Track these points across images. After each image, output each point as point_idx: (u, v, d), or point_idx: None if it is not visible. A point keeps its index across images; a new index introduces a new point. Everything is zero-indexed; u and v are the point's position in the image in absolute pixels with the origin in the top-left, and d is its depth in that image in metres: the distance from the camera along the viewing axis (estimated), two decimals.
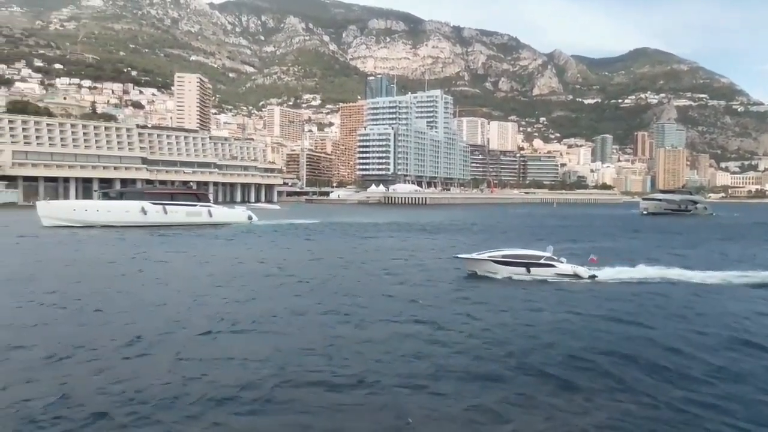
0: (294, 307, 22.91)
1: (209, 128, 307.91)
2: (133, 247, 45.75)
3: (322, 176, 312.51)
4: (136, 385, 14.04)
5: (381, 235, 63.35)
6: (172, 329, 19.34)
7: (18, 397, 13.32)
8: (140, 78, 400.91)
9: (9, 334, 18.63)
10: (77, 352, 16.67)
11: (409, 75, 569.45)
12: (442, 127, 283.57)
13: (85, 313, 21.70)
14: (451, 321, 20.74)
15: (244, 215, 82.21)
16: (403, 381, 14.51)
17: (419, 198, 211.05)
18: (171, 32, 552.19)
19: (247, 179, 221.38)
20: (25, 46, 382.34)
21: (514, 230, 75.14)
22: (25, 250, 43.82)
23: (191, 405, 13.04)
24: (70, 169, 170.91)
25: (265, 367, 15.48)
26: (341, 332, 19.05)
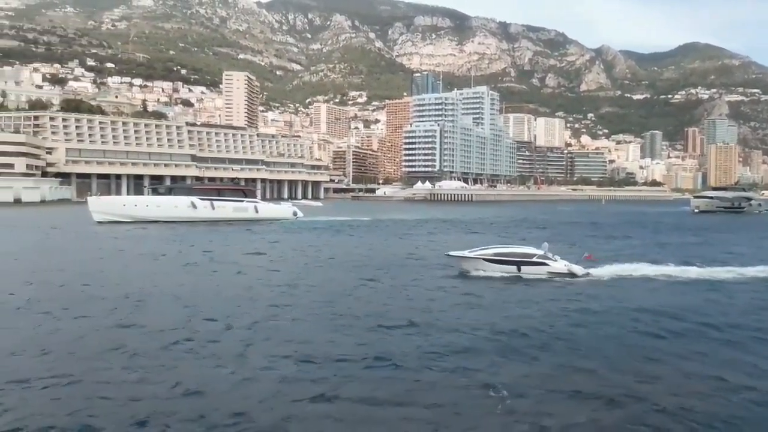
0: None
1: (257, 126, 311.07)
2: (209, 244, 45.39)
3: (368, 173, 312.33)
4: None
5: (436, 232, 61.73)
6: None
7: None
8: (189, 76, 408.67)
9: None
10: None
11: (455, 71, 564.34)
12: (488, 123, 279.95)
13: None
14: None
15: (289, 211, 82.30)
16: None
17: (465, 195, 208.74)
18: (219, 31, 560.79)
19: (294, 176, 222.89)
20: (79, 45, 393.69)
21: (564, 226, 72.96)
22: (115, 248, 43.71)
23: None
24: (121, 166, 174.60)
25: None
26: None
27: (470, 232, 63.78)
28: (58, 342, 16.78)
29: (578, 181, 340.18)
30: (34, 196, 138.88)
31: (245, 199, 78.42)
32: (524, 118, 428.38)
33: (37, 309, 21.00)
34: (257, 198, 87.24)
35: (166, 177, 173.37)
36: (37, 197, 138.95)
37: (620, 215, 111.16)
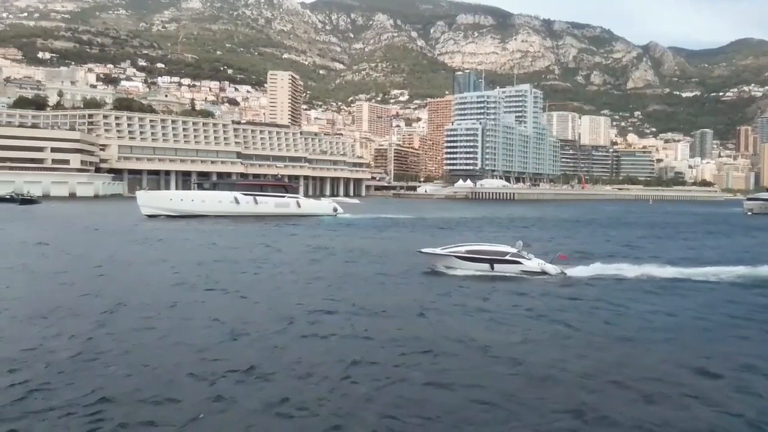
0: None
1: (300, 124, 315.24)
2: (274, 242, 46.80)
3: (410, 171, 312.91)
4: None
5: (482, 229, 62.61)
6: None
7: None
8: (236, 76, 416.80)
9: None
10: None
11: (498, 70, 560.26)
12: (531, 121, 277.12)
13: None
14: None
15: (330, 207, 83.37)
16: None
17: (507, 193, 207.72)
18: (265, 31, 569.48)
19: (336, 173, 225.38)
20: (130, 47, 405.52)
21: (621, 227, 72.08)
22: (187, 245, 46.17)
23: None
24: (170, 162, 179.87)
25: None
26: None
27: (522, 227, 63.13)
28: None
29: (624, 181, 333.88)
30: (88, 191, 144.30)
31: (287, 195, 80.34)
32: (568, 117, 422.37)
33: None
34: (298, 193, 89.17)
35: (213, 173, 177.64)
36: (90, 192, 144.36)
37: (672, 216, 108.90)
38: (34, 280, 26.18)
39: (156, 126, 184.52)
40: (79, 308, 20.03)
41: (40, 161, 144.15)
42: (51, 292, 23.31)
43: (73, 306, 20.37)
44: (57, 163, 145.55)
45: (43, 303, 20.73)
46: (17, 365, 13.96)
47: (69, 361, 14.36)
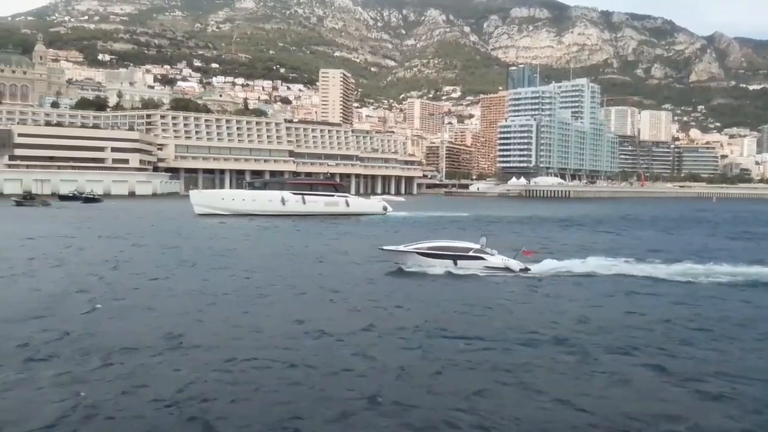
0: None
1: (351, 122, 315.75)
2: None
3: (462, 169, 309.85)
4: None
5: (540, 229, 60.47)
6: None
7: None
8: (288, 75, 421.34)
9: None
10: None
11: (553, 64, 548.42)
12: (588, 117, 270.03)
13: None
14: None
15: (379, 206, 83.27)
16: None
17: (562, 191, 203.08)
18: (317, 30, 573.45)
19: (387, 171, 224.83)
20: (186, 47, 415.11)
21: (695, 228, 68.89)
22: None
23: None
24: (225, 161, 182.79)
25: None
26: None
27: (595, 231, 61.20)
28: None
29: (686, 178, 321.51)
30: (147, 189, 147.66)
31: (336, 194, 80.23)
32: (627, 111, 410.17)
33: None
34: (347, 192, 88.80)
35: (266, 172, 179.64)
36: (149, 191, 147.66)
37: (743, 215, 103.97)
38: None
39: (211, 125, 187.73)
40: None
41: (101, 161, 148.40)
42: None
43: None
44: (117, 162, 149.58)
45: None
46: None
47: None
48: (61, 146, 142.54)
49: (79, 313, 19.88)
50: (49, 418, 11.33)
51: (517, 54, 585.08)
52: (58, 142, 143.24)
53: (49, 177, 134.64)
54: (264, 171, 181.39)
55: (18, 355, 15.10)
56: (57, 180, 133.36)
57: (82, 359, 14.79)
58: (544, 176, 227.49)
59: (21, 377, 13.50)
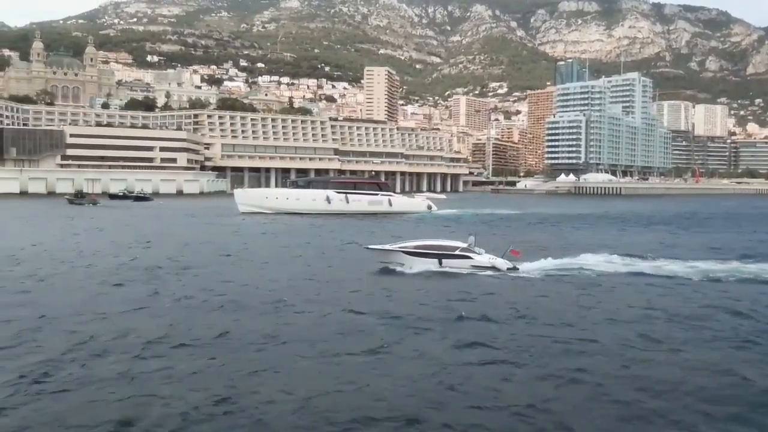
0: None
1: (396, 119, 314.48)
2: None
3: (509, 166, 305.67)
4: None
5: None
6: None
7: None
8: (333, 73, 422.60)
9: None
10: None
11: (603, 58, 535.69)
12: (640, 112, 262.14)
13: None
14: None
15: (423, 205, 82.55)
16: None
17: (613, 188, 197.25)
18: (361, 28, 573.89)
19: (433, 169, 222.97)
20: (232, 48, 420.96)
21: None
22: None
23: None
24: (270, 160, 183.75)
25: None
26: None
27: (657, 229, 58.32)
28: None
29: (743, 174, 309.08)
30: (194, 188, 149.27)
31: (380, 193, 79.38)
32: (681, 106, 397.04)
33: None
34: (391, 191, 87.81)
35: (311, 170, 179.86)
36: (196, 189, 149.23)
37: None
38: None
39: (257, 124, 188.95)
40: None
41: (149, 160, 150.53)
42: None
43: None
44: (165, 161, 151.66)
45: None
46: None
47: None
48: (112, 146, 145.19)
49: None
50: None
51: (565, 48, 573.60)
52: (108, 142, 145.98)
53: (100, 176, 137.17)
54: (309, 169, 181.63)
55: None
56: (107, 179, 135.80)
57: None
58: (594, 173, 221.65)
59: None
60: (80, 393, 12.51)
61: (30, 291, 23.20)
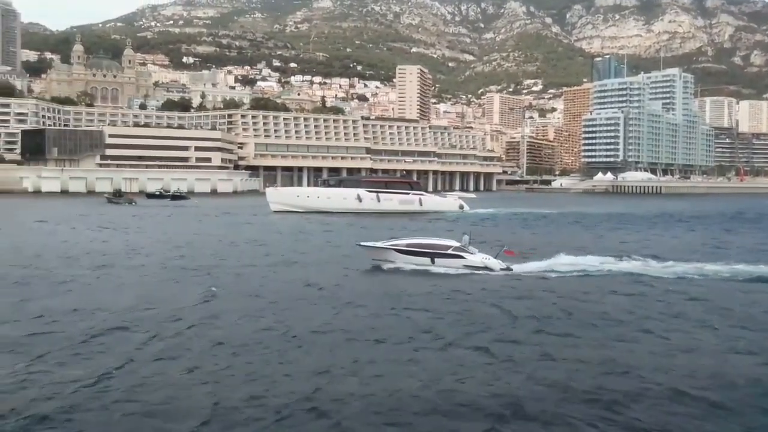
0: None
1: (429, 118, 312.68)
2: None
3: (544, 164, 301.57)
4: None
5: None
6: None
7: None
8: (365, 72, 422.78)
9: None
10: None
11: (642, 54, 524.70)
12: (681, 108, 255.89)
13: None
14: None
15: (455, 204, 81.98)
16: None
17: (653, 187, 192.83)
18: (393, 26, 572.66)
19: (466, 168, 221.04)
20: (266, 48, 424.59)
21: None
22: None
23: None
24: (303, 159, 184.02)
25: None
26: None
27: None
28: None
29: None
30: (228, 187, 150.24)
31: (411, 192, 79.02)
32: (724, 102, 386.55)
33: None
34: (422, 190, 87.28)
35: (343, 169, 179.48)
36: (230, 188, 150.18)
37: None
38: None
39: (289, 124, 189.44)
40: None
41: (185, 159, 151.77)
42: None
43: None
44: (200, 161, 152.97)
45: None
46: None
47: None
48: (149, 146, 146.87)
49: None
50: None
51: (602, 44, 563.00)
52: (145, 142, 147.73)
53: (137, 175, 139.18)
54: (341, 168, 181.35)
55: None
56: (144, 178, 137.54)
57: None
58: (633, 171, 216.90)
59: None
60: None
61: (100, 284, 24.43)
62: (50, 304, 20.18)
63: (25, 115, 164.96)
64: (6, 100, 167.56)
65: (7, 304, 19.94)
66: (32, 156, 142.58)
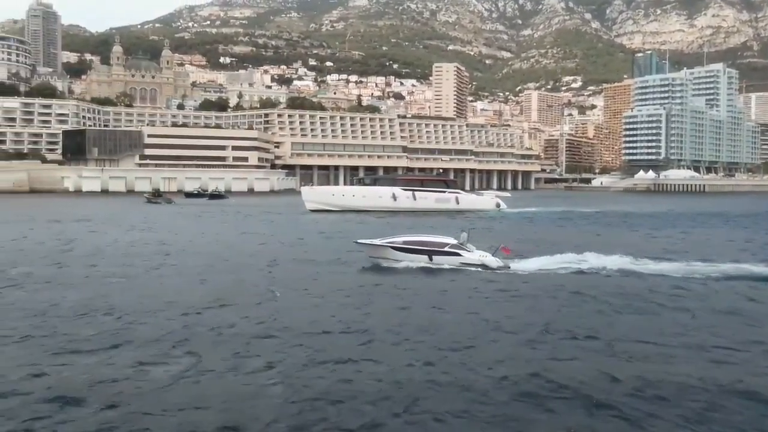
0: None
1: (466, 116, 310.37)
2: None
3: (583, 162, 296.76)
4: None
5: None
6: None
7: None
8: (401, 70, 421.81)
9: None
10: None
11: (684, 49, 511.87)
12: (725, 105, 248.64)
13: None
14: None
15: (492, 203, 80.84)
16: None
17: (696, 185, 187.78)
18: (430, 24, 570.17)
19: (503, 166, 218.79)
20: (302, 47, 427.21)
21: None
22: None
23: None
24: (339, 158, 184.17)
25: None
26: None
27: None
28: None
29: None
30: (264, 186, 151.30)
31: (447, 190, 78.17)
32: None
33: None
34: (459, 189, 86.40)
35: (379, 168, 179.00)
36: (266, 187, 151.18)
37: None
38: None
39: (325, 123, 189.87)
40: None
41: (222, 159, 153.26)
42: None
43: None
44: (237, 160, 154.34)
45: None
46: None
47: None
48: (187, 146, 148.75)
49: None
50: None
51: (643, 40, 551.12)
52: (183, 142, 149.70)
53: (176, 175, 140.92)
54: (377, 167, 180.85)
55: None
56: (183, 178, 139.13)
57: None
58: (675, 169, 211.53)
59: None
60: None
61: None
62: (119, 301, 20.27)
63: (66, 116, 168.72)
64: (47, 101, 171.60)
65: (77, 302, 19.93)
66: (73, 156, 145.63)
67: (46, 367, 13.21)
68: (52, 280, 24.45)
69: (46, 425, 10.37)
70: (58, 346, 14.87)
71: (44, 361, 13.65)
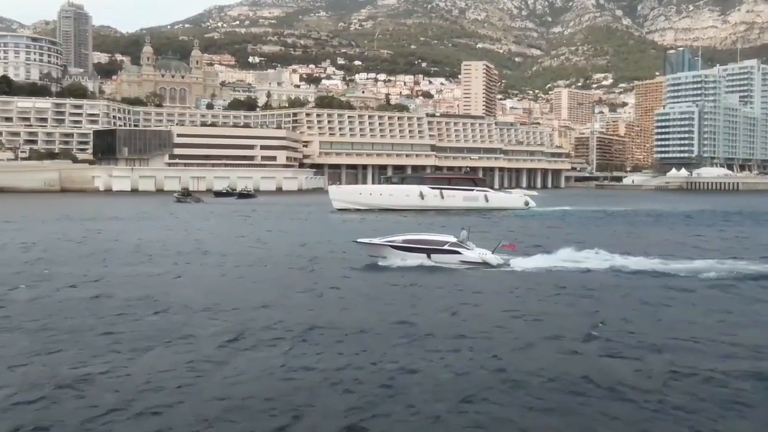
0: None
1: (495, 114, 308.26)
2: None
3: (614, 160, 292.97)
4: None
5: None
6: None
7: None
8: (430, 69, 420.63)
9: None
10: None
11: (717, 45, 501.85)
12: (760, 102, 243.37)
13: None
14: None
15: (520, 201, 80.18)
16: None
17: (730, 183, 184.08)
18: (459, 22, 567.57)
19: (533, 164, 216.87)
20: (330, 47, 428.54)
21: None
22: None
23: None
24: (367, 157, 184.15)
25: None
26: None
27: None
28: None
29: None
30: (293, 185, 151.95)
31: (475, 188, 77.74)
32: None
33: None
34: (488, 187, 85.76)
35: (408, 167, 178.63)
36: (294, 186, 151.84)
37: None
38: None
39: (354, 122, 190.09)
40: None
41: (251, 158, 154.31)
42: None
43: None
44: (265, 159, 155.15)
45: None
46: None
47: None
48: (216, 145, 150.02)
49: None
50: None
51: (675, 36, 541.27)
52: (212, 141, 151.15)
53: (205, 174, 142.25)
54: (406, 166, 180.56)
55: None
56: (211, 177, 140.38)
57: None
58: (708, 167, 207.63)
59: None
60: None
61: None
62: (163, 298, 20.88)
63: (96, 116, 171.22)
64: (78, 102, 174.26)
65: (120, 300, 20.50)
66: (103, 155, 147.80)
67: (121, 361, 13.99)
68: (101, 278, 25.05)
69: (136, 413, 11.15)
70: (133, 339, 15.75)
71: (116, 356, 14.39)
